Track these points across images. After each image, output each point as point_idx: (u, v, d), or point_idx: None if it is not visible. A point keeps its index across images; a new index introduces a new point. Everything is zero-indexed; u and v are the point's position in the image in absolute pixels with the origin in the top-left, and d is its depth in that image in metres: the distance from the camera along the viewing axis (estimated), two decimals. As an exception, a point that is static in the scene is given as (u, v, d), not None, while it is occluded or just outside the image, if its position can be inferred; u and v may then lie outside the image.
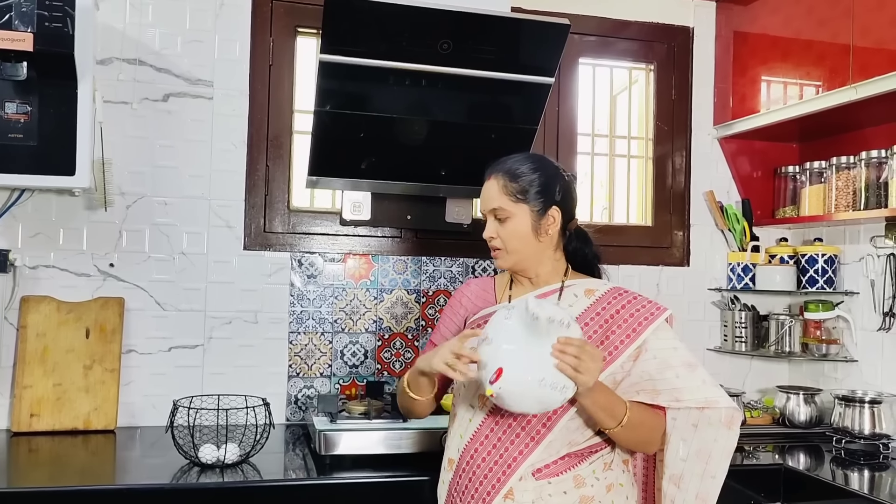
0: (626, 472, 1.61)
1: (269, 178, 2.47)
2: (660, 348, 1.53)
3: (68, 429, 2.20)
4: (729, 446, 1.52)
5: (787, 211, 2.74)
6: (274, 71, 2.47)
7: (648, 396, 1.51)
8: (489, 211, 1.61)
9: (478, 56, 2.14)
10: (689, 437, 1.51)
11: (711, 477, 1.51)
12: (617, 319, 1.55)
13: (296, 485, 1.85)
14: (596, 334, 1.54)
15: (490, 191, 1.61)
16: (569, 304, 1.59)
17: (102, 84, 2.27)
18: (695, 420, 1.51)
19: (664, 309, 1.57)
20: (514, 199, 1.58)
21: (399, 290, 2.56)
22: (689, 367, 1.52)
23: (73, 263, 2.29)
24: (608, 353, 1.52)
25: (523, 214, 1.58)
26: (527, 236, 1.59)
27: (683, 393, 1.50)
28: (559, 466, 1.52)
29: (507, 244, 1.60)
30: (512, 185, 1.59)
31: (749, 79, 2.68)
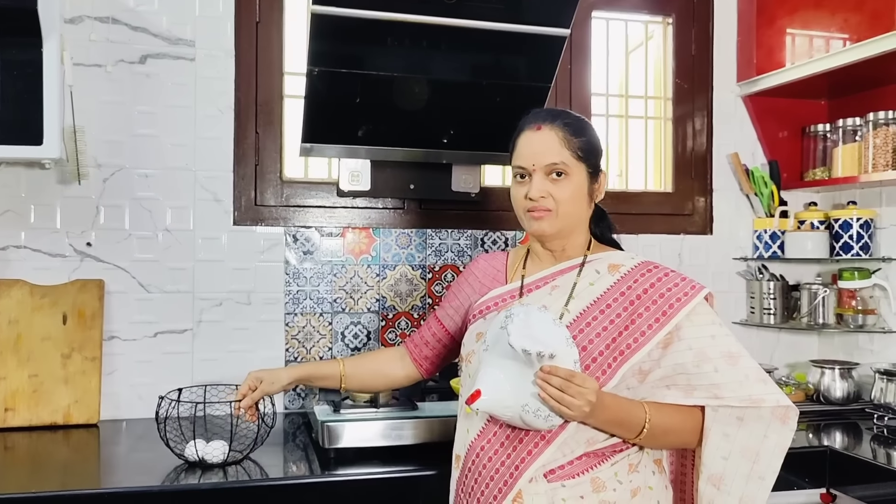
0: (656, 473, 1.42)
1: (260, 146, 2.27)
2: (696, 337, 1.34)
3: (47, 423, 2.03)
4: (783, 443, 1.33)
5: (816, 173, 2.57)
6: (261, 28, 2.27)
7: (682, 393, 1.33)
8: (544, 166, 1.40)
9: (486, 7, 1.96)
10: (733, 433, 1.33)
11: (759, 478, 1.33)
12: (645, 300, 1.36)
13: (299, 483, 1.67)
14: (620, 318, 1.36)
15: (547, 142, 1.41)
16: (590, 283, 1.41)
17: (73, 45, 2.07)
18: (740, 413, 1.33)
19: (701, 287, 1.37)
20: (576, 157, 1.41)
21: (403, 266, 2.38)
22: (730, 358, 1.33)
23: (46, 243, 2.11)
24: (633, 340, 1.33)
25: (580, 175, 1.42)
26: (582, 199, 1.43)
27: (723, 390, 1.31)
28: (575, 468, 1.34)
29: (561, 206, 1.40)
30: (574, 140, 1.41)
31: (776, 30, 2.48)
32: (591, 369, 1.33)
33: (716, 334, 1.35)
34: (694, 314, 1.35)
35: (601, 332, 1.35)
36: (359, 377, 1.68)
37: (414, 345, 1.68)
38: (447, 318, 1.63)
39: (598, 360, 1.33)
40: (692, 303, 1.35)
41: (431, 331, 1.66)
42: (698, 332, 1.34)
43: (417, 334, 1.69)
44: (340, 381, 1.66)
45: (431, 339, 1.65)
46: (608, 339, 1.35)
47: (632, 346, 1.33)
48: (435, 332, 1.65)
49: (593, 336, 1.35)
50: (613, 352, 1.34)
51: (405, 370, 1.69)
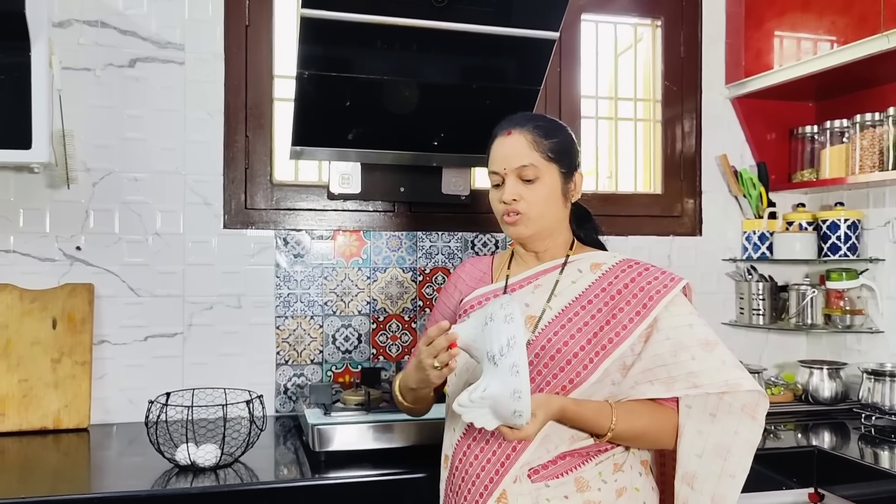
0: (643, 475, 1.43)
1: (249, 149, 2.27)
2: (673, 327, 1.35)
3: (37, 428, 2.03)
4: (752, 439, 1.34)
5: (804, 174, 2.58)
6: (251, 32, 2.27)
7: (664, 387, 1.34)
8: (514, 169, 1.42)
9: (475, 10, 1.96)
10: (706, 429, 1.34)
11: (731, 476, 1.33)
12: (625, 295, 1.38)
13: (290, 487, 1.67)
14: (601, 313, 1.37)
15: (516, 146, 1.42)
16: (572, 281, 1.43)
17: (61, 49, 2.06)
18: (713, 408, 1.34)
19: (679, 279, 1.39)
20: (546, 158, 1.42)
21: (393, 269, 2.38)
22: (707, 345, 1.34)
23: (35, 247, 2.10)
24: (615, 334, 1.35)
25: (553, 176, 1.43)
26: (555, 201, 1.44)
27: (700, 377, 1.32)
28: (559, 467, 1.35)
29: (532, 209, 1.42)
30: (544, 142, 1.42)
31: (764, 33, 2.49)
32: (573, 364, 1.34)
33: (693, 324, 1.37)
34: (671, 305, 1.37)
35: (582, 327, 1.37)
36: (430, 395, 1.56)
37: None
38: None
39: (580, 354, 1.35)
40: (670, 294, 1.37)
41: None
42: (676, 321, 1.36)
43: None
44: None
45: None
46: (589, 334, 1.36)
47: (614, 339, 1.35)
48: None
49: (574, 332, 1.37)
50: (595, 346, 1.35)
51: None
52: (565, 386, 1.34)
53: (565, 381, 1.34)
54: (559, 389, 1.35)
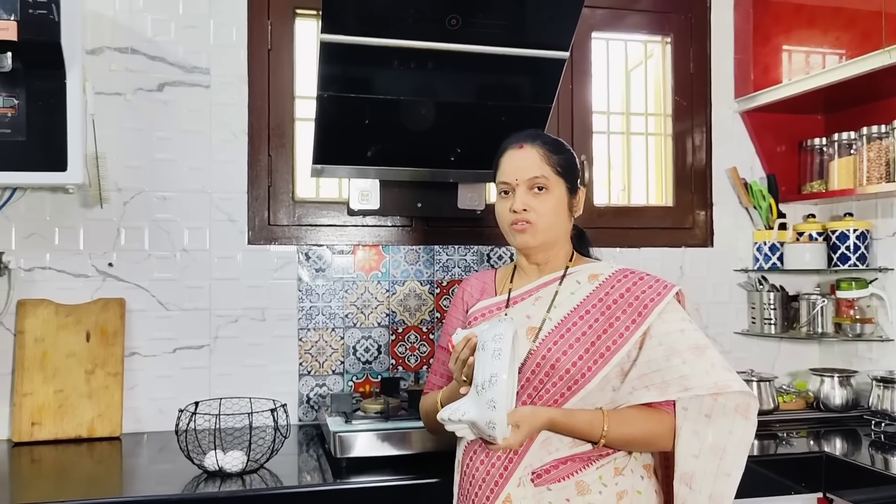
0: (645, 478, 1.48)
1: (272, 168, 2.36)
2: (665, 332, 1.42)
3: (72, 437, 2.11)
4: (746, 439, 1.40)
5: (814, 186, 2.62)
6: (273, 56, 2.36)
7: (658, 391, 1.40)
8: (526, 180, 1.50)
9: (488, 31, 2.02)
10: (702, 430, 1.40)
11: (726, 475, 1.39)
12: (621, 304, 1.45)
13: (313, 491, 1.74)
14: (598, 322, 1.44)
15: (528, 159, 1.51)
16: (570, 292, 1.50)
17: (94, 75, 2.16)
18: (708, 409, 1.40)
19: (671, 287, 1.46)
20: (556, 172, 1.51)
21: (412, 282, 2.45)
22: (698, 350, 1.41)
23: (70, 264, 2.19)
24: (612, 342, 1.42)
25: (560, 190, 1.52)
26: (562, 213, 1.53)
27: (691, 380, 1.38)
28: (560, 472, 1.41)
29: (541, 219, 1.50)
30: (554, 157, 1.52)
31: (771, 48, 2.55)
32: (572, 373, 1.40)
33: (684, 329, 1.43)
34: (664, 312, 1.44)
35: (580, 336, 1.43)
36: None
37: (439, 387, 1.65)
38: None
39: (579, 363, 1.41)
40: (664, 301, 1.43)
41: (440, 361, 1.68)
42: (668, 327, 1.43)
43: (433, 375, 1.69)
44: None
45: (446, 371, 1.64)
46: (587, 343, 1.42)
47: (611, 347, 1.41)
48: (445, 362, 1.65)
49: (573, 341, 1.43)
50: (594, 355, 1.41)
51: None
52: (564, 393, 1.40)
53: (564, 389, 1.41)
54: (558, 397, 1.41)
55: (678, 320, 1.44)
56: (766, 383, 2.36)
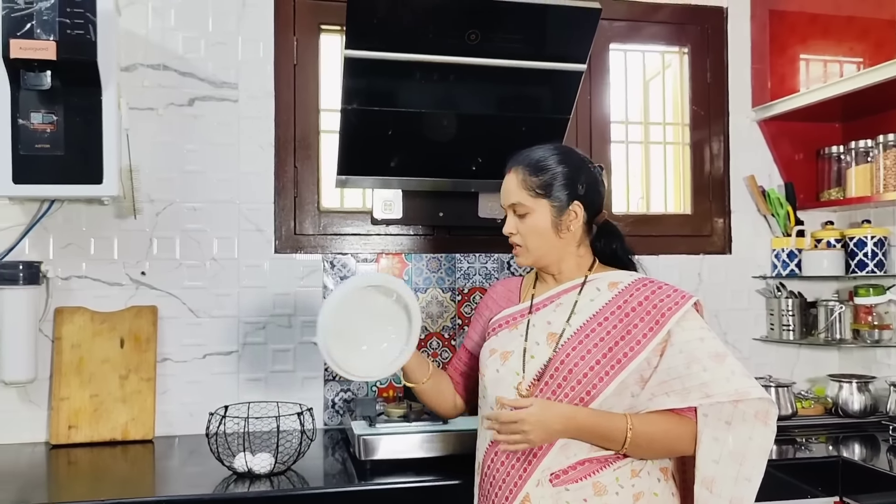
0: (662, 481, 1.51)
1: (298, 179, 2.43)
2: (685, 340, 1.45)
3: (106, 440, 2.19)
4: (766, 445, 1.42)
5: (832, 193, 2.65)
6: (299, 70, 2.43)
7: (679, 398, 1.43)
8: (508, 206, 1.57)
9: (507, 45, 2.08)
10: (722, 436, 1.42)
11: (746, 480, 1.42)
12: (640, 312, 1.48)
13: (339, 492, 1.80)
14: (616, 329, 1.47)
15: (509, 185, 1.58)
16: (590, 299, 1.53)
17: (127, 91, 2.25)
18: (728, 416, 1.42)
19: (689, 297, 1.49)
20: (534, 195, 1.54)
21: (434, 289, 2.51)
22: (717, 357, 1.44)
23: (105, 273, 2.28)
24: (629, 349, 1.45)
25: (543, 210, 1.54)
26: (546, 233, 1.54)
27: (712, 387, 1.41)
28: (578, 472, 1.45)
29: (527, 241, 1.56)
30: (532, 180, 1.54)
31: (788, 58, 2.58)
32: (589, 377, 1.44)
33: (704, 337, 1.46)
34: (683, 320, 1.46)
35: (598, 342, 1.47)
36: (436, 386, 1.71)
37: (455, 381, 1.76)
38: (474, 345, 1.73)
39: (596, 368, 1.45)
40: (682, 310, 1.46)
41: (462, 361, 1.75)
42: (688, 335, 1.46)
43: (452, 370, 1.76)
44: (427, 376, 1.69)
45: (465, 369, 1.75)
46: (605, 349, 1.46)
47: (628, 354, 1.44)
48: (466, 362, 1.75)
49: (591, 346, 1.47)
50: (611, 360, 1.45)
51: (455, 400, 1.76)
52: (583, 398, 1.44)
53: (582, 394, 1.45)
54: (577, 401, 1.45)
55: (697, 328, 1.47)
56: (785, 389, 2.38)
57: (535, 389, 1.49)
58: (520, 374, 1.52)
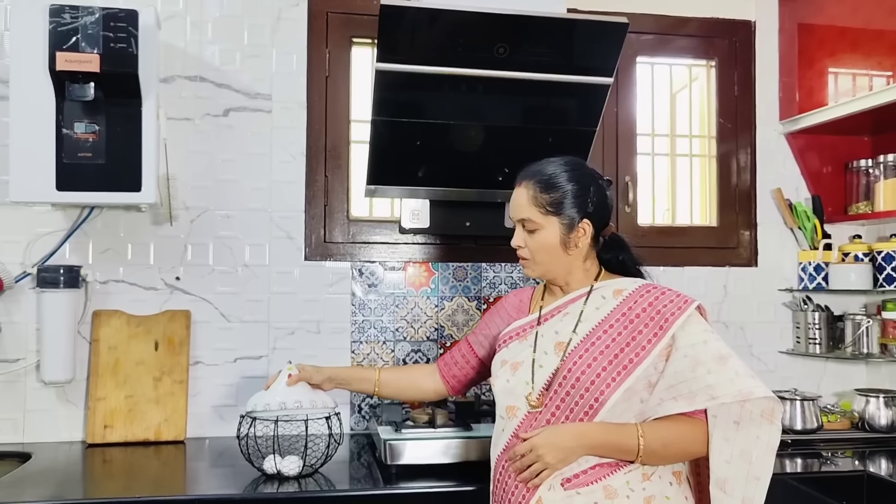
0: (674, 484, 1.52)
1: (328, 188, 2.48)
2: (689, 344, 1.47)
3: (140, 440, 2.25)
4: (772, 443, 1.44)
5: (860, 207, 2.64)
6: (330, 82, 2.49)
7: (686, 402, 1.45)
8: (517, 220, 1.60)
9: (534, 59, 2.11)
10: (732, 436, 1.45)
11: (756, 479, 1.44)
12: (644, 318, 1.50)
13: (365, 495, 1.84)
14: (621, 336, 1.50)
15: (519, 199, 1.60)
16: (595, 308, 1.56)
17: (166, 101, 2.32)
18: (736, 416, 1.44)
19: (692, 301, 1.51)
20: (544, 212, 1.56)
21: (459, 297, 2.54)
22: (721, 359, 1.46)
23: (141, 278, 2.34)
24: (635, 355, 1.47)
25: (552, 227, 1.57)
26: (554, 249, 1.58)
27: (717, 389, 1.43)
28: (589, 476, 1.47)
29: (534, 256, 1.59)
30: (542, 197, 1.57)
31: (816, 71, 2.59)
32: (596, 384, 1.47)
33: (707, 340, 1.48)
34: (687, 324, 1.49)
35: (604, 349, 1.50)
36: (393, 386, 1.88)
37: (444, 363, 1.86)
38: (477, 343, 1.81)
39: (602, 374, 1.47)
40: (685, 315, 1.49)
41: (461, 352, 1.84)
42: (692, 339, 1.48)
43: (449, 355, 1.86)
44: (375, 385, 1.87)
45: (461, 360, 1.83)
46: (611, 355, 1.49)
47: (634, 360, 1.47)
48: (465, 354, 1.83)
49: (597, 354, 1.50)
50: (617, 367, 1.47)
51: (434, 385, 1.87)
52: (592, 405, 1.47)
53: (591, 401, 1.47)
54: (587, 408, 1.47)
55: (701, 332, 1.49)
56: (810, 402, 2.37)
57: (545, 398, 1.52)
58: (529, 384, 1.55)
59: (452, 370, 1.84)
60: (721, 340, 1.50)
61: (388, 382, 1.88)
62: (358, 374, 1.94)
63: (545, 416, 1.52)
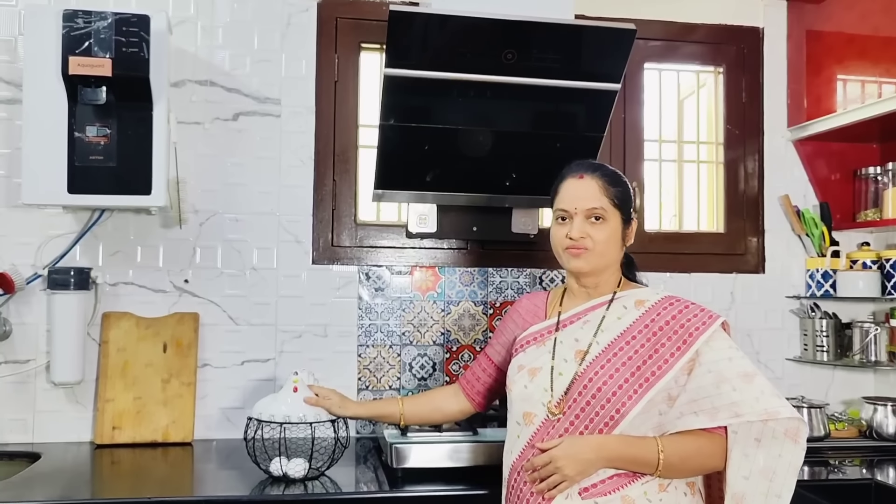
0: (688, 495, 1.52)
1: (336, 192, 2.50)
2: (714, 360, 1.47)
3: (148, 441, 2.26)
4: (795, 462, 1.44)
5: (868, 214, 2.63)
6: (339, 87, 2.50)
7: (708, 417, 1.44)
8: (585, 210, 1.58)
9: (542, 65, 2.12)
10: (752, 453, 1.44)
11: (777, 496, 1.43)
12: (667, 331, 1.50)
13: (371, 497, 1.85)
14: (643, 348, 1.50)
15: (589, 190, 1.59)
16: (617, 317, 1.57)
17: (176, 105, 2.33)
18: (757, 433, 1.44)
19: (717, 317, 1.52)
20: (613, 204, 1.59)
21: (466, 302, 2.55)
22: (746, 377, 1.46)
23: (150, 280, 2.36)
24: (657, 368, 1.47)
25: (616, 220, 1.59)
26: (616, 242, 1.60)
27: (742, 407, 1.43)
28: (606, 486, 1.46)
29: (597, 246, 1.58)
30: (612, 189, 1.59)
31: (824, 78, 2.59)
32: (618, 395, 1.46)
33: (732, 357, 1.48)
34: (712, 340, 1.49)
35: (626, 361, 1.50)
36: (417, 415, 1.88)
37: (466, 381, 1.86)
38: (495, 353, 1.80)
39: (624, 386, 1.47)
40: (710, 330, 1.49)
41: (482, 367, 1.83)
42: (716, 355, 1.48)
43: (469, 372, 1.86)
44: (400, 419, 1.87)
45: (482, 375, 1.83)
46: (633, 367, 1.48)
47: (656, 373, 1.47)
48: (485, 368, 1.82)
49: (619, 365, 1.49)
50: (639, 379, 1.47)
51: (459, 405, 1.87)
52: (613, 416, 1.46)
53: (612, 412, 1.47)
54: (608, 419, 1.47)
55: (726, 348, 1.49)
56: (817, 410, 2.37)
57: (564, 406, 1.51)
58: (548, 391, 1.54)
59: (476, 387, 1.84)
60: (746, 358, 1.50)
61: (413, 414, 1.88)
62: (381, 410, 1.92)
63: (563, 425, 1.51)
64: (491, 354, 1.82)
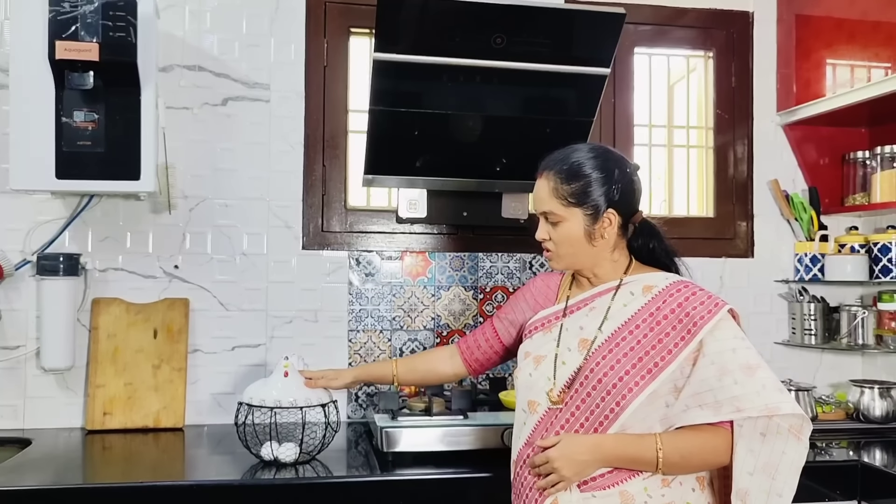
0: (697, 490, 1.47)
1: (326, 177, 2.49)
2: (717, 351, 1.41)
3: (139, 426, 2.27)
4: (798, 460, 1.40)
5: (856, 198, 2.65)
6: (329, 72, 2.49)
7: (711, 411, 1.40)
8: (540, 213, 1.56)
9: (532, 49, 2.12)
10: (757, 448, 1.40)
11: (778, 495, 1.39)
12: (672, 320, 1.44)
13: (361, 481, 1.86)
14: (647, 337, 1.45)
15: (540, 191, 1.55)
16: (623, 304, 1.50)
17: (164, 90, 2.32)
18: (763, 428, 1.40)
19: (723, 304, 1.44)
20: (566, 203, 1.51)
21: (456, 287, 2.56)
22: (748, 370, 1.39)
23: (140, 266, 2.36)
24: (661, 358, 1.42)
25: (575, 219, 1.51)
26: (578, 241, 1.52)
27: (742, 401, 1.38)
28: (606, 480, 1.43)
29: (559, 248, 1.54)
30: (564, 188, 1.51)
31: (813, 63, 2.59)
32: (619, 387, 1.42)
33: (736, 347, 1.42)
34: (717, 329, 1.42)
35: (628, 351, 1.45)
36: (411, 376, 1.90)
37: (466, 346, 1.82)
38: (502, 328, 1.76)
39: (626, 378, 1.42)
40: (715, 319, 1.42)
41: (485, 336, 1.79)
42: (720, 346, 1.41)
43: (471, 337, 1.82)
44: (393, 380, 1.89)
45: (484, 344, 1.79)
46: (635, 357, 1.43)
47: (659, 364, 1.42)
48: (488, 339, 1.78)
49: (621, 356, 1.45)
50: (641, 370, 1.42)
51: (454, 369, 1.84)
52: (613, 408, 1.42)
53: (612, 404, 1.42)
54: (608, 412, 1.43)
55: (730, 338, 1.43)
56: (805, 393, 2.39)
57: (566, 396, 1.48)
58: (551, 380, 1.51)
59: (475, 354, 1.80)
60: (752, 349, 1.44)
61: (407, 374, 1.89)
62: (375, 372, 1.96)
63: (565, 415, 1.48)
64: (498, 328, 1.76)
